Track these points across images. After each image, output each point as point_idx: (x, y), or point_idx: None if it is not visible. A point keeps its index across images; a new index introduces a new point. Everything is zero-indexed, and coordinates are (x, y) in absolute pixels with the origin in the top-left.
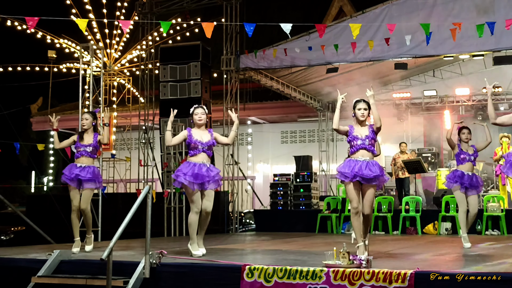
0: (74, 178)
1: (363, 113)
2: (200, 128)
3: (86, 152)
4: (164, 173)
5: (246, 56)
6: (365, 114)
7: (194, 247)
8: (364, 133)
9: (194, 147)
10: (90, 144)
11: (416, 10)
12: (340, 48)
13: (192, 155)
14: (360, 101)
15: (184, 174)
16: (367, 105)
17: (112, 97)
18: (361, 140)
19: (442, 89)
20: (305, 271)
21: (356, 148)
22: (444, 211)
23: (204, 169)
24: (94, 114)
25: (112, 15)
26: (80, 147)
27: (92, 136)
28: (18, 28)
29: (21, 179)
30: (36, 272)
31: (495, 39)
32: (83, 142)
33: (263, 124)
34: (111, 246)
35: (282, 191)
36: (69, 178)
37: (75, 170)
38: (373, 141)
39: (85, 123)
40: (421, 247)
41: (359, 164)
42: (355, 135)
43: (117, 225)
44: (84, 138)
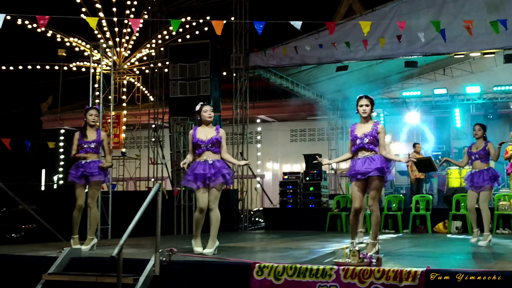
0: (81, 175)
1: (364, 109)
2: (208, 125)
3: (90, 149)
4: (174, 171)
5: (256, 54)
6: (366, 110)
7: (196, 243)
8: (365, 131)
9: (198, 146)
10: (94, 140)
11: (425, 7)
12: (350, 46)
13: (197, 154)
14: (362, 98)
15: (188, 175)
16: (369, 101)
17: (121, 95)
18: (359, 139)
19: (452, 87)
20: (315, 269)
21: (356, 148)
22: (454, 209)
23: (204, 167)
24: (98, 110)
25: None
26: (84, 144)
27: (95, 133)
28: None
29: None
30: (46, 270)
31: (506, 36)
32: (86, 139)
33: (272, 122)
34: (121, 243)
35: (291, 189)
36: (76, 176)
37: (80, 167)
38: (373, 138)
39: (94, 119)
40: (431, 245)
41: (358, 162)
42: (355, 135)
43: (127, 223)
44: (87, 135)
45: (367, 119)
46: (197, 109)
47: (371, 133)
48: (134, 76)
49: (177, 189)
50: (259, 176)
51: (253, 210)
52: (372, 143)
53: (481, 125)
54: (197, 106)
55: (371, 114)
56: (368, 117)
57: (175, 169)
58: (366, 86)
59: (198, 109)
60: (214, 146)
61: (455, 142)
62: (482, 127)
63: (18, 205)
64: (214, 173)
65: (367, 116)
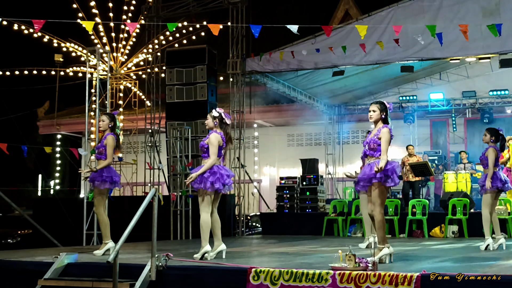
0: (90, 180)
1: (371, 115)
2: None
3: (97, 155)
4: (170, 176)
5: (252, 59)
6: (372, 115)
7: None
8: (370, 137)
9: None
10: (97, 146)
11: (421, 12)
12: (347, 51)
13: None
14: (372, 104)
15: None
16: (377, 107)
17: (118, 100)
18: (364, 146)
19: (448, 92)
20: (311, 274)
21: (363, 156)
22: (451, 214)
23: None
24: (112, 116)
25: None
26: (95, 150)
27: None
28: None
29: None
30: (42, 275)
31: (501, 41)
32: (95, 145)
33: (270, 127)
34: (117, 248)
35: (288, 194)
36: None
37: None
38: (374, 143)
39: (101, 125)
40: (428, 250)
41: (363, 170)
42: (364, 141)
43: (124, 228)
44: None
45: (376, 124)
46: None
47: (373, 139)
48: (131, 81)
49: (174, 194)
50: (256, 181)
51: (250, 215)
52: (373, 149)
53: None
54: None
55: (380, 118)
56: (376, 122)
57: (171, 174)
58: (362, 91)
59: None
60: (203, 152)
61: (451, 146)
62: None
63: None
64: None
65: (373, 121)
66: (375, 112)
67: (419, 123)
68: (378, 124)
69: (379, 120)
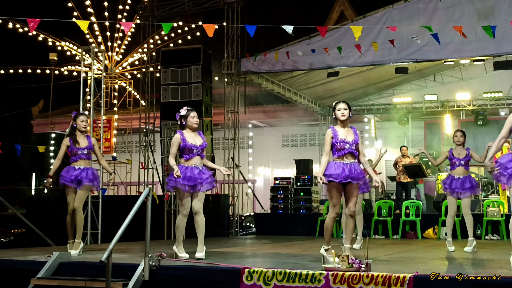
0: (74, 180)
1: (343, 113)
2: (194, 131)
3: (84, 155)
4: (164, 176)
5: (247, 59)
6: (345, 113)
7: (180, 249)
8: (351, 138)
9: (189, 151)
10: (86, 146)
11: (416, 15)
12: (342, 52)
13: (187, 159)
14: (340, 102)
15: (176, 178)
16: (347, 105)
17: (113, 100)
18: (349, 144)
19: (442, 93)
20: (304, 274)
21: (344, 152)
22: (444, 215)
23: (196, 172)
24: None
25: (113, 18)
26: (78, 150)
27: (86, 139)
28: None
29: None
30: (35, 274)
31: (496, 44)
32: (79, 146)
33: (264, 127)
34: (110, 248)
35: (282, 194)
36: (68, 180)
37: (74, 172)
38: (357, 145)
39: (85, 125)
40: (421, 251)
41: (348, 166)
42: (343, 139)
43: (117, 228)
44: (79, 141)
45: (345, 123)
46: (183, 113)
47: (356, 140)
48: (126, 81)
49: (167, 194)
50: (250, 181)
51: (244, 215)
52: (357, 149)
53: (463, 132)
54: (183, 111)
55: (348, 117)
56: (346, 120)
57: (166, 173)
58: (357, 92)
59: (184, 114)
60: (203, 152)
61: (445, 148)
62: (464, 134)
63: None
64: (205, 179)
65: (345, 119)
66: (346, 110)
67: (413, 124)
68: (346, 122)
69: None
